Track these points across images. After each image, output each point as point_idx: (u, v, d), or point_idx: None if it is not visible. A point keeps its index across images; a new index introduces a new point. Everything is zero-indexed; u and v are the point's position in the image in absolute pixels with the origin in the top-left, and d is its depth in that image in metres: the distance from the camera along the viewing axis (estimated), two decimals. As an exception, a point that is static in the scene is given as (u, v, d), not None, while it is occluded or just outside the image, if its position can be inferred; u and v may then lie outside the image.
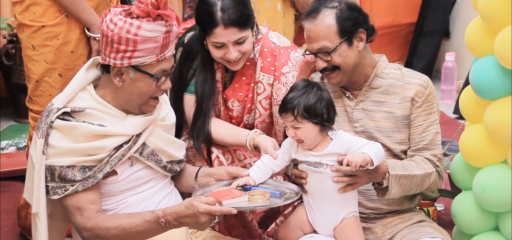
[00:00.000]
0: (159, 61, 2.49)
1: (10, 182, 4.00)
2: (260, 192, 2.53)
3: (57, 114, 2.49)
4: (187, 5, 5.18)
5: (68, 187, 2.48)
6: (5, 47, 4.95)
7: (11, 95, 5.05)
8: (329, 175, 2.55)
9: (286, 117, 2.55)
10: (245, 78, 2.97)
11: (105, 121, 2.53)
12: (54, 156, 2.48)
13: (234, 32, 2.77)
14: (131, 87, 2.53)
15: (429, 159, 2.73)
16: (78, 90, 2.56)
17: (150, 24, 2.44)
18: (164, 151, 2.65)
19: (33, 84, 3.11)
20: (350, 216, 2.61)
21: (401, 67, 2.83)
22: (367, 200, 2.77)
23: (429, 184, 2.73)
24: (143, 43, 2.44)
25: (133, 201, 2.60)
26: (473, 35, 2.71)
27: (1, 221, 3.62)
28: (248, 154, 2.94)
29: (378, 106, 2.76)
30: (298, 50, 3.00)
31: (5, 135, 4.65)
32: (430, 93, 2.76)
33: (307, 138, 2.54)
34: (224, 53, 2.81)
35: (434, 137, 2.75)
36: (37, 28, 3.04)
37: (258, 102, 2.96)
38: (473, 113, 2.78)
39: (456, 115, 5.34)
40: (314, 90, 2.54)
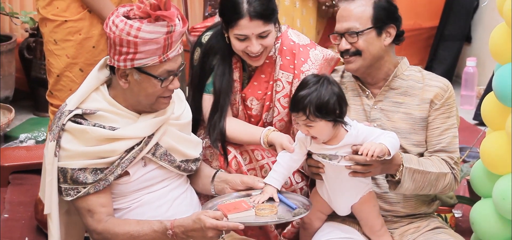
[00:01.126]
0: (162, 62, 2.47)
1: (29, 175, 4.02)
2: (268, 205, 2.51)
3: (69, 117, 2.50)
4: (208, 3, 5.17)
5: (80, 189, 2.49)
6: (27, 40, 4.99)
7: (30, 88, 5.08)
8: (343, 166, 2.56)
9: (298, 116, 2.54)
10: (264, 76, 2.97)
11: (117, 123, 2.53)
12: (66, 158, 2.49)
13: (259, 25, 2.77)
14: (137, 89, 2.52)
15: (445, 160, 2.73)
16: (90, 91, 2.55)
17: (150, 25, 2.42)
18: (178, 150, 2.64)
19: (54, 79, 3.13)
20: (367, 193, 2.64)
21: (421, 70, 2.83)
22: (384, 202, 2.76)
23: (444, 186, 2.71)
24: (144, 45, 2.42)
25: (147, 200, 2.60)
26: (498, 41, 2.69)
27: (18, 214, 3.64)
28: (266, 154, 2.93)
29: (397, 107, 2.75)
30: (317, 48, 2.99)
31: (24, 128, 4.68)
32: (450, 96, 2.75)
33: (321, 135, 2.54)
34: (246, 46, 2.81)
35: (452, 140, 2.74)
36: (60, 23, 3.06)
37: (277, 101, 2.95)
38: (495, 120, 2.76)
39: (476, 121, 5.30)
40: (324, 86, 2.51)
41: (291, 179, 2.94)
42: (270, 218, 2.47)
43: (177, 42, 2.48)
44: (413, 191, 2.68)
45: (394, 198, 2.76)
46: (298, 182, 2.97)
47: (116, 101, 2.56)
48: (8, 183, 3.94)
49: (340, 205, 2.68)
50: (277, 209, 2.49)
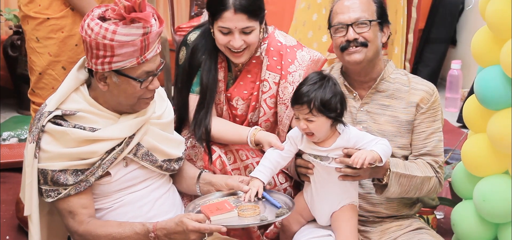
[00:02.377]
0: (140, 64, 2.44)
1: (11, 173, 4.00)
2: (251, 206, 2.51)
3: (48, 118, 2.47)
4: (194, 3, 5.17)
5: (61, 190, 2.47)
6: (11, 38, 4.96)
7: (14, 86, 5.06)
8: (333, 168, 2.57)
9: (301, 109, 2.53)
10: (250, 76, 2.97)
11: (97, 124, 2.50)
12: (46, 159, 2.47)
13: (243, 19, 2.77)
14: (117, 91, 2.49)
15: (430, 163, 2.74)
16: (70, 91, 2.52)
17: (126, 28, 2.38)
18: (160, 150, 2.62)
19: (36, 77, 3.11)
20: (349, 204, 2.64)
21: (407, 73, 2.84)
22: (367, 203, 2.77)
23: (429, 189, 2.73)
24: (120, 48, 2.39)
25: (129, 200, 2.59)
26: (480, 44, 2.70)
27: (0, 212, 3.61)
28: (250, 154, 2.93)
29: (383, 110, 2.76)
30: (304, 49, 3.00)
31: (7, 126, 4.65)
32: (435, 100, 2.77)
33: (319, 131, 2.54)
34: (229, 40, 2.81)
35: (437, 144, 2.76)
36: (42, 20, 3.04)
37: (263, 101, 2.96)
38: (477, 122, 2.77)
39: (460, 124, 5.33)
40: (329, 84, 2.54)
41: (275, 179, 2.94)
42: (252, 219, 2.46)
43: (154, 43, 2.46)
44: (399, 195, 2.69)
45: (376, 199, 2.76)
46: (282, 183, 2.97)
47: (97, 101, 2.54)
48: (-5, 181, 3.93)
49: (322, 211, 2.67)
50: (259, 210, 2.49)
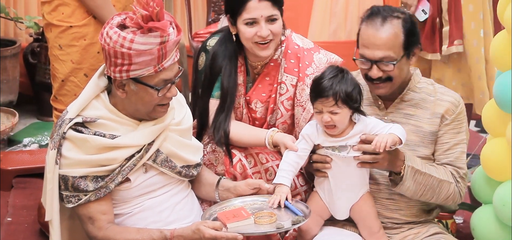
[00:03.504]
0: (157, 72, 2.47)
1: (32, 178, 4.03)
2: (267, 213, 2.52)
3: (69, 125, 2.50)
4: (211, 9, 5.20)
5: (81, 196, 2.51)
6: (31, 45, 5.00)
7: (35, 93, 5.10)
8: (352, 158, 2.60)
9: (326, 102, 2.56)
10: (268, 79, 3.00)
11: (117, 131, 2.53)
12: (67, 166, 2.50)
13: (267, 6, 2.82)
14: (134, 98, 2.52)
15: (451, 172, 2.72)
16: (91, 98, 2.56)
17: (143, 37, 2.41)
18: (178, 156, 2.64)
19: (58, 84, 3.14)
20: (366, 193, 2.68)
21: (434, 83, 2.81)
22: (385, 209, 2.78)
23: (447, 195, 2.71)
24: (138, 56, 2.42)
25: (148, 205, 2.61)
26: (498, 49, 2.71)
27: (22, 217, 3.65)
28: (270, 157, 2.95)
29: (407, 119, 2.74)
30: (321, 52, 3.02)
31: (28, 132, 4.70)
32: (461, 112, 2.74)
33: (342, 123, 2.58)
34: (256, 32, 2.84)
35: (459, 155, 2.73)
36: (65, 28, 3.07)
37: (281, 103, 2.99)
38: (496, 126, 2.78)
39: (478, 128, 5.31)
40: (349, 76, 2.59)
41: (295, 181, 2.97)
42: (269, 226, 2.47)
43: (171, 51, 2.48)
44: (414, 193, 2.67)
45: (395, 205, 2.77)
46: (302, 185, 2.99)
47: (116, 108, 2.56)
48: (12, 187, 3.96)
49: (340, 206, 2.70)
50: (276, 217, 2.50)
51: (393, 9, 2.67)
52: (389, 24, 2.61)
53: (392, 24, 2.62)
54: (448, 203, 2.79)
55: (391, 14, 2.64)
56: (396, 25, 2.62)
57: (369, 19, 2.65)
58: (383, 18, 2.62)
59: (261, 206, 2.59)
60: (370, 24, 2.63)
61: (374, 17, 2.63)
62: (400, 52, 2.63)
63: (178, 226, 2.57)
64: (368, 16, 2.67)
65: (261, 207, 2.59)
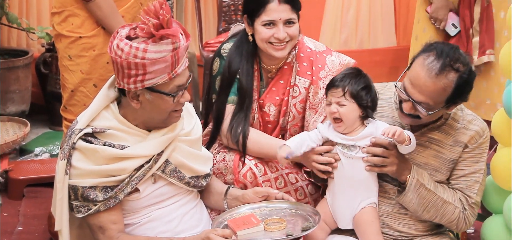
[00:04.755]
0: (172, 79, 2.47)
1: (43, 188, 4.05)
2: (277, 220, 2.52)
3: (79, 135, 2.51)
4: (221, 19, 5.21)
5: (91, 206, 2.51)
6: (43, 55, 5.04)
7: (46, 103, 5.13)
8: (359, 159, 2.60)
9: (335, 92, 2.61)
10: (282, 82, 3.02)
11: (127, 141, 2.54)
12: (76, 176, 2.51)
13: (286, 9, 2.85)
14: (149, 107, 2.52)
15: (460, 198, 2.69)
16: (100, 109, 2.56)
17: (156, 45, 2.42)
18: (187, 167, 2.64)
19: (68, 94, 3.16)
20: (369, 206, 2.66)
21: (464, 108, 2.73)
22: (397, 223, 2.75)
23: (451, 219, 2.67)
24: (152, 65, 2.42)
25: (157, 215, 2.62)
26: (508, 58, 2.70)
27: (32, 227, 3.67)
28: (279, 166, 2.96)
29: (430, 143, 2.70)
30: (334, 54, 3.04)
31: (39, 141, 4.72)
32: (484, 142, 2.68)
33: (347, 118, 2.60)
34: (273, 33, 2.86)
35: (473, 184, 2.68)
36: (74, 39, 3.09)
37: (293, 106, 3.00)
38: (505, 136, 2.77)
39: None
40: (365, 78, 2.63)
41: (305, 190, 2.97)
42: (279, 233, 2.47)
43: (183, 57, 2.50)
44: (417, 207, 2.65)
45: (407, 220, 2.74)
46: (312, 194, 3.01)
47: (126, 119, 2.57)
48: (23, 196, 3.98)
49: (342, 212, 2.69)
50: (286, 223, 2.51)
51: (456, 57, 2.50)
52: (443, 76, 2.48)
53: (447, 77, 2.48)
54: (452, 228, 2.74)
55: (451, 64, 2.49)
56: (450, 80, 2.49)
57: (429, 58, 2.51)
58: (441, 67, 2.48)
59: (270, 213, 2.59)
60: (427, 65, 2.50)
61: (435, 59, 2.50)
62: (441, 104, 2.53)
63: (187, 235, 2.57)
64: (430, 52, 2.53)
65: (270, 214, 2.58)
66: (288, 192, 2.94)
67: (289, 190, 2.96)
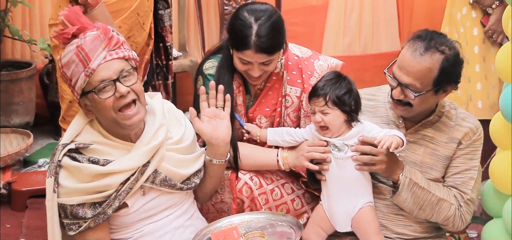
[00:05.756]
0: (89, 76, 2.45)
1: (46, 199, 4.06)
2: (258, 234, 2.51)
3: (63, 152, 2.51)
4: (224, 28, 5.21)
5: (81, 223, 2.51)
6: (47, 66, 5.06)
7: (50, 113, 5.15)
8: (349, 159, 2.62)
9: (317, 102, 2.63)
10: (271, 93, 3.00)
11: (111, 155, 2.53)
12: (64, 194, 2.51)
13: (263, 57, 2.79)
14: (96, 112, 2.53)
15: (454, 195, 2.69)
16: (84, 124, 2.57)
17: (65, 49, 2.47)
18: (177, 174, 2.62)
19: (66, 105, 3.17)
20: (366, 205, 2.66)
21: (457, 107, 2.77)
22: (394, 225, 2.76)
23: (446, 216, 2.68)
24: (68, 69, 2.46)
25: (149, 230, 2.61)
26: (504, 60, 2.68)
27: (35, 238, 3.66)
28: (275, 177, 2.96)
29: (425, 141, 2.72)
30: (321, 58, 3.01)
31: (43, 152, 4.73)
32: (478, 139, 2.71)
33: (333, 125, 2.63)
34: (248, 69, 2.83)
35: (468, 181, 2.70)
36: (71, 50, 3.09)
37: (287, 116, 2.99)
38: (504, 139, 2.74)
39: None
40: (345, 82, 2.65)
41: (301, 200, 2.96)
42: None
43: (95, 51, 2.45)
44: (412, 206, 2.65)
45: (404, 221, 2.74)
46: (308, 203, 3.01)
47: (109, 133, 2.56)
48: (26, 208, 3.98)
49: (339, 216, 2.69)
50: (266, 237, 2.50)
51: (442, 41, 2.56)
52: (428, 56, 2.52)
53: (431, 57, 2.53)
54: (448, 226, 2.74)
55: (436, 46, 2.53)
56: (435, 60, 2.53)
57: (413, 42, 2.57)
58: (426, 48, 2.53)
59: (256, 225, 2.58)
60: (411, 46, 2.56)
61: (419, 41, 2.55)
62: (428, 87, 2.55)
63: None
64: (415, 37, 2.59)
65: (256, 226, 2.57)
66: (284, 202, 2.95)
67: (286, 200, 2.96)
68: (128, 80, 2.50)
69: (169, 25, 3.48)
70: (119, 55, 2.49)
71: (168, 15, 3.46)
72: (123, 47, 2.51)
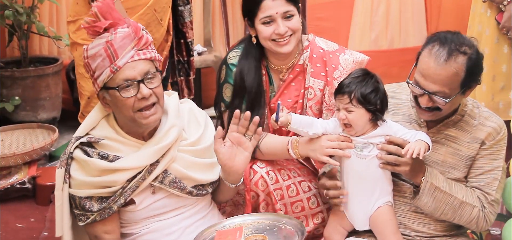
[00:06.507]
0: (115, 72, 2.45)
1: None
2: (261, 237, 2.47)
3: (75, 144, 2.53)
4: (247, 28, 5.21)
5: (89, 216, 2.54)
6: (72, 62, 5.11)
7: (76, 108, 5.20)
8: (373, 157, 2.58)
9: (342, 99, 2.59)
10: (294, 84, 3.00)
11: (121, 152, 2.54)
12: (74, 186, 2.54)
13: (282, 3, 2.83)
14: (114, 108, 2.53)
15: (478, 196, 2.64)
16: (100, 118, 2.59)
17: (93, 41, 2.47)
18: (189, 177, 2.60)
19: (85, 101, 3.21)
20: (384, 205, 2.63)
21: (479, 106, 2.71)
22: (413, 223, 2.72)
23: (469, 219, 2.63)
24: (93, 61, 2.46)
25: (157, 227, 2.62)
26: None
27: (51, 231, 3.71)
28: (292, 174, 2.94)
29: (447, 140, 2.67)
30: (347, 52, 3.00)
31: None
32: (501, 139, 2.65)
33: (357, 124, 2.58)
34: (274, 30, 2.85)
35: (492, 181, 2.64)
36: (88, 47, 3.13)
37: (309, 108, 2.97)
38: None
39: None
40: (372, 80, 2.59)
41: (318, 199, 2.94)
42: None
43: (124, 49, 2.46)
44: (434, 210, 2.61)
45: (423, 219, 2.70)
46: (324, 203, 2.97)
47: (122, 129, 2.58)
48: (50, 202, 4.03)
49: (357, 213, 2.67)
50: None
51: (461, 41, 2.49)
52: (452, 61, 2.46)
53: (456, 61, 2.46)
54: (472, 228, 2.69)
55: (457, 48, 2.47)
56: (460, 63, 2.47)
57: (434, 48, 2.50)
58: (448, 53, 2.46)
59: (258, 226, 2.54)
60: (434, 54, 2.48)
61: (440, 47, 2.48)
62: (456, 90, 2.51)
63: None
64: (433, 42, 2.51)
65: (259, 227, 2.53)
66: (300, 200, 2.93)
67: (301, 198, 2.94)
68: (152, 83, 2.51)
69: (190, 21, 3.49)
70: (146, 56, 2.50)
71: (188, 11, 3.47)
72: (150, 48, 2.53)
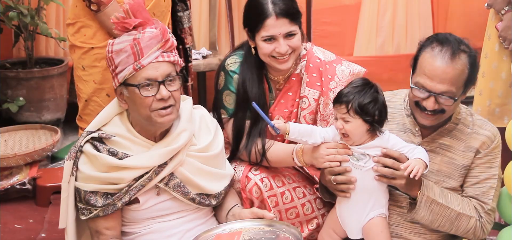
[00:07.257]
0: (138, 70, 2.49)
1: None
2: None
3: (86, 138, 2.57)
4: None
5: (92, 210, 2.56)
6: (77, 64, 5.14)
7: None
8: (369, 169, 2.57)
9: (339, 108, 2.58)
10: (291, 94, 3.00)
11: (130, 150, 2.57)
12: (80, 179, 2.57)
13: (285, 23, 2.82)
14: (131, 105, 2.56)
15: (475, 206, 2.63)
16: (113, 114, 2.61)
17: (120, 37, 2.50)
18: (194, 183, 2.62)
19: (82, 103, 3.22)
20: (378, 216, 2.62)
21: (473, 113, 2.72)
22: (409, 233, 2.72)
23: (466, 229, 2.62)
24: (117, 57, 2.49)
25: (158, 228, 2.63)
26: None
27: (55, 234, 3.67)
28: (287, 180, 2.94)
29: (442, 149, 2.67)
30: (344, 64, 2.99)
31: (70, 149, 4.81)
32: (496, 147, 2.65)
33: (354, 134, 2.57)
34: (274, 48, 2.84)
35: (488, 190, 2.64)
36: (87, 50, 3.14)
37: (302, 117, 2.97)
38: (519, 145, 2.68)
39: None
40: (371, 90, 2.57)
41: (312, 205, 2.93)
42: None
43: (150, 48, 2.50)
44: (431, 222, 2.61)
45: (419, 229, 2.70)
46: (319, 209, 2.98)
47: (134, 128, 2.60)
48: (50, 203, 4.05)
49: (351, 222, 2.66)
50: None
51: (458, 40, 2.52)
52: (458, 59, 2.48)
53: (460, 59, 2.49)
54: (469, 237, 2.68)
55: (459, 47, 2.50)
56: (464, 61, 2.50)
57: (436, 49, 2.51)
58: (452, 51, 2.48)
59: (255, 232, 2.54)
60: (437, 54, 2.49)
61: (443, 48, 2.50)
62: (461, 89, 2.53)
63: None
64: (432, 44, 2.53)
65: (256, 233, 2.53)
66: (294, 207, 2.93)
67: (296, 205, 2.94)
68: (172, 86, 2.55)
69: (189, 27, 3.49)
70: (170, 59, 2.55)
71: (187, 17, 3.47)
72: (174, 51, 2.58)
